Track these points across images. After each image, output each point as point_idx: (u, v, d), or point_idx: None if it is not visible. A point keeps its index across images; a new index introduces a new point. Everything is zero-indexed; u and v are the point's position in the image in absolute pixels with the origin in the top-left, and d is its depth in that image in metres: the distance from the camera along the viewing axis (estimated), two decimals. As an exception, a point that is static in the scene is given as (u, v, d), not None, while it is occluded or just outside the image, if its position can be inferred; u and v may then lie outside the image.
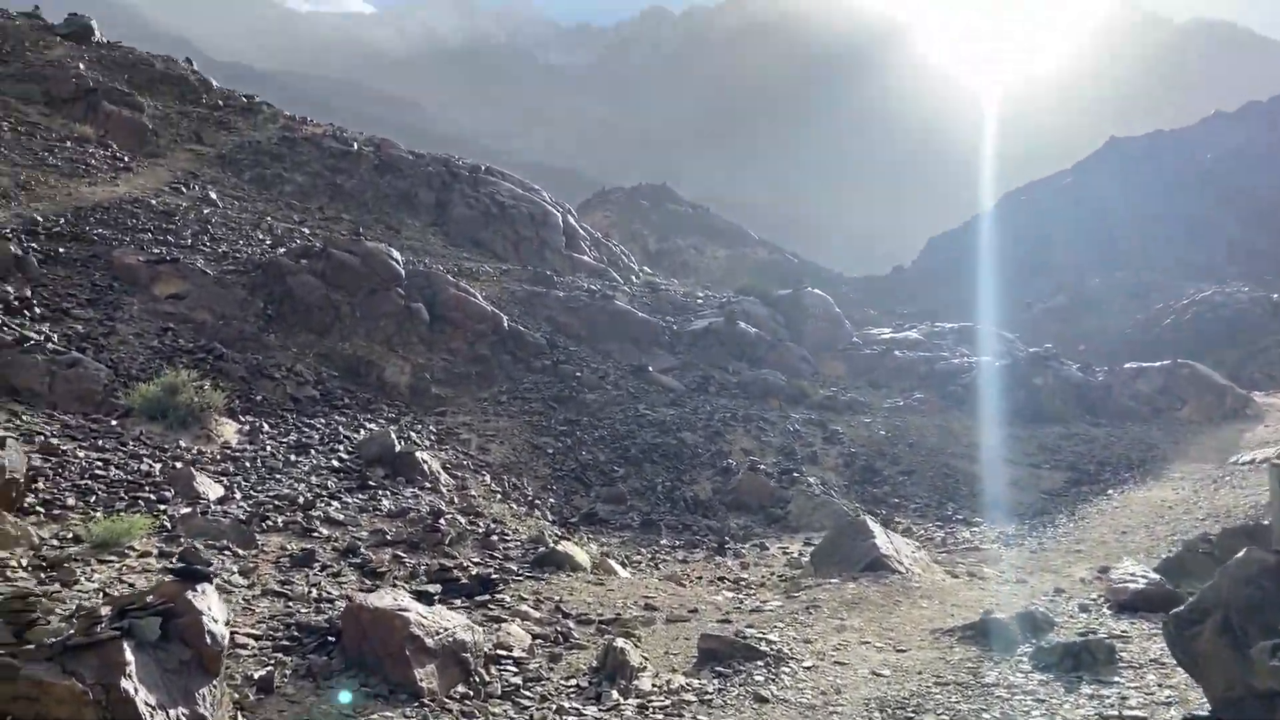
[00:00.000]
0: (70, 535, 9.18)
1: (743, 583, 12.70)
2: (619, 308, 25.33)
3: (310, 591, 8.80)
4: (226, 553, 9.58)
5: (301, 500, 11.69)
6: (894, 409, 23.53)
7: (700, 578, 13.07)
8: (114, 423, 13.09)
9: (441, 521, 11.79)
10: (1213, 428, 22.65)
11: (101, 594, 7.71)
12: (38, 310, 15.44)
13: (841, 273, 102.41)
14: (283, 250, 21.51)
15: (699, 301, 29.21)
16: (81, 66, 29.25)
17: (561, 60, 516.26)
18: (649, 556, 14.50)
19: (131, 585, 8.16)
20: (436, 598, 8.30)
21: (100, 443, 12.16)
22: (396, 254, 22.45)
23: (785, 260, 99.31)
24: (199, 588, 5.98)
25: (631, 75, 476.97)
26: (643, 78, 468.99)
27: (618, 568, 12.41)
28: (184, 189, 24.46)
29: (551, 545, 11.82)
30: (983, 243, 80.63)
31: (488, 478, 16.04)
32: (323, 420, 15.91)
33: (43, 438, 11.64)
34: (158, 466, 11.82)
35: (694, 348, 25.12)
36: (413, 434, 16.53)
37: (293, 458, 13.63)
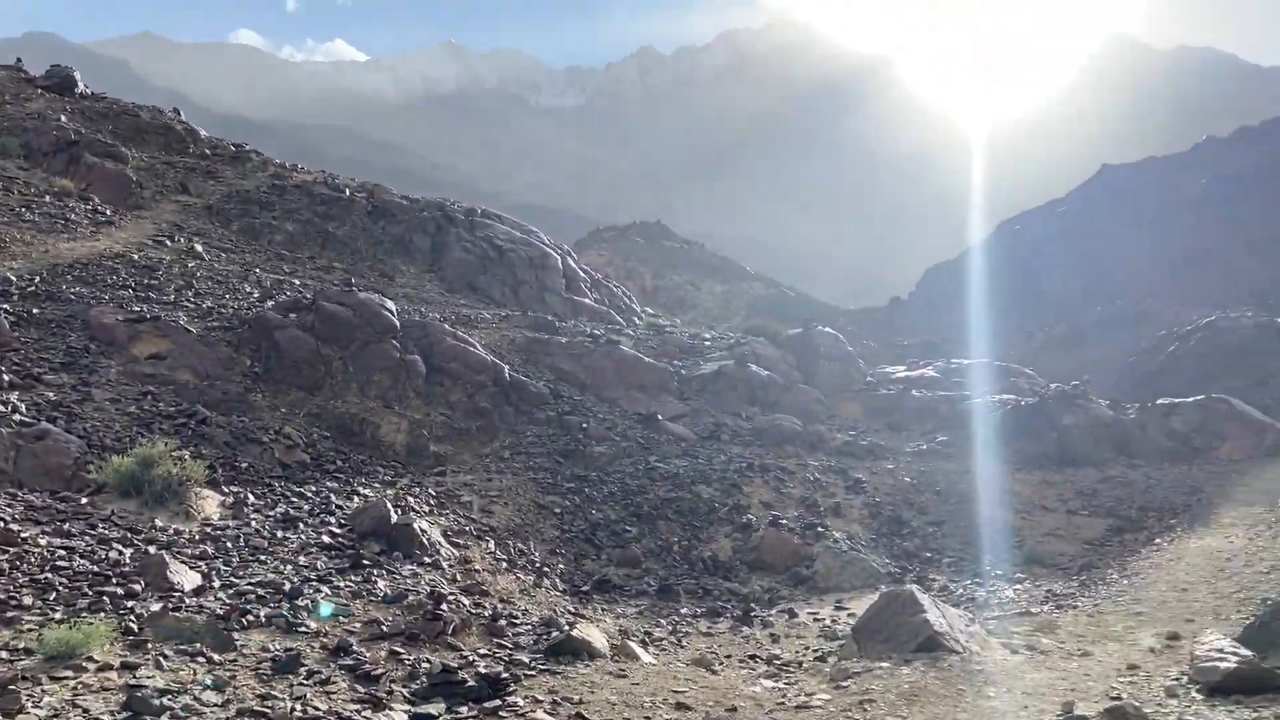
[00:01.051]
0: (22, 646, 8.01)
1: (778, 662, 11.54)
2: (625, 353, 24.26)
3: (294, 710, 7.62)
4: (199, 659, 8.39)
5: (288, 586, 10.51)
6: (917, 453, 22.40)
7: (730, 656, 11.92)
8: (84, 501, 11.94)
9: (444, 606, 10.61)
10: (1256, 467, 21.41)
11: (46, 729, 6.55)
12: (6, 378, 14.31)
13: (838, 305, 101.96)
14: (271, 304, 20.47)
15: (706, 343, 28.14)
16: (63, 119, 28.38)
17: (552, 103, 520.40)
18: (669, 630, 13.34)
19: (85, 711, 7.01)
20: (440, 717, 7.12)
21: (66, 526, 11.00)
22: (390, 304, 21.42)
23: (781, 295, 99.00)
24: (149, 744, 4.83)
25: (622, 115, 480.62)
26: (633, 117, 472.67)
27: (639, 650, 11.22)
28: (168, 242, 23.45)
29: (566, 630, 10.64)
30: (978, 273, 79.92)
31: (492, 544, 14.88)
32: (313, 488, 14.75)
33: (2, 523, 10.48)
34: (128, 553, 10.63)
35: (704, 393, 24.02)
36: (410, 498, 15.37)
37: (279, 534, 12.46)
